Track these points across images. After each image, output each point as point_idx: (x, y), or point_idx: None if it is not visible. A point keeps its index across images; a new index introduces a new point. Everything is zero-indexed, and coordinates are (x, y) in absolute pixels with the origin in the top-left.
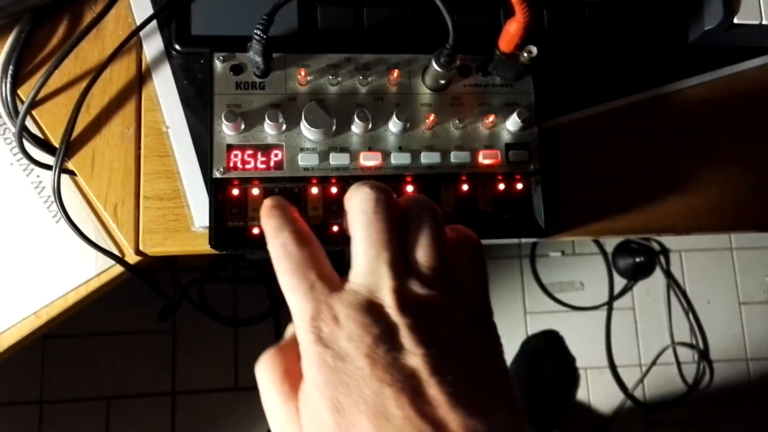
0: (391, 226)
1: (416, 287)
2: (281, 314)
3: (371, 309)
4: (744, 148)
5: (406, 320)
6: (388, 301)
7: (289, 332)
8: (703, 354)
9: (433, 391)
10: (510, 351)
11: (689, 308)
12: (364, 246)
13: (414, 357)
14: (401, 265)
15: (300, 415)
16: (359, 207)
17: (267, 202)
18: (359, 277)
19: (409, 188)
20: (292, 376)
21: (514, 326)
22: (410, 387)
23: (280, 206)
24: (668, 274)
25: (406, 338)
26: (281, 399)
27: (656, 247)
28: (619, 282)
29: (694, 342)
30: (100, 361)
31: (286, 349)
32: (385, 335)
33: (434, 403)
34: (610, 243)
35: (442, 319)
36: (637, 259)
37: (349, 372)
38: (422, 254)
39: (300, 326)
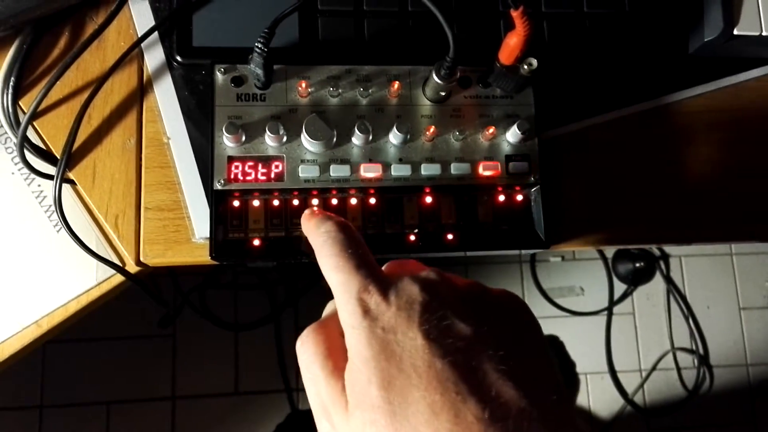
0: None
1: (455, 278)
2: (281, 319)
3: (417, 280)
4: (744, 158)
5: (455, 293)
6: (433, 275)
7: (328, 310)
8: (703, 359)
9: (487, 366)
10: None
11: (689, 313)
12: None
13: (466, 328)
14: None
15: (346, 391)
16: None
17: (306, 211)
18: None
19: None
20: (336, 353)
21: None
22: (463, 360)
23: (320, 210)
24: (668, 279)
25: (457, 310)
26: (325, 375)
27: (656, 252)
28: (619, 287)
29: (694, 347)
30: (100, 366)
31: (327, 325)
32: (435, 306)
33: (488, 378)
34: (610, 248)
35: (486, 298)
36: (637, 265)
37: (400, 343)
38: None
39: (345, 301)
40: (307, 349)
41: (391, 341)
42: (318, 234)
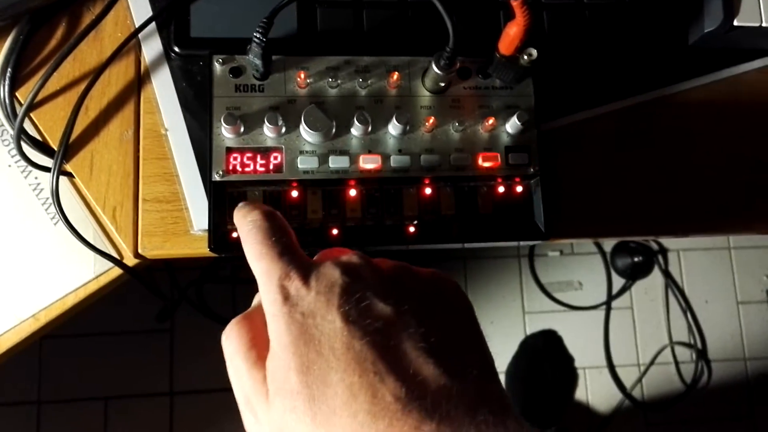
0: None
1: (382, 261)
2: None
3: (338, 264)
4: (744, 150)
5: (377, 275)
6: (355, 258)
7: (255, 301)
8: (701, 353)
9: (406, 345)
10: (508, 351)
11: (687, 308)
12: None
13: (386, 308)
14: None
15: (267, 380)
16: None
17: (240, 203)
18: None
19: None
20: (260, 344)
21: (512, 326)
22: (381, 340)
23: (249, 202)
24: (666, 273)
25: (377, 291)
26: (248, 366)
27: (654, 246)
28: (618, 281)
29: (692, 341)
30: (98, 361)
31: (252, 316)
32: (355, 288)
33: (407, 357)
34: (609, 242)
35: (411, 279)
36: (636, 259)
37: (319, 327)
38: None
39: (267, 289)
40: (231, 342)
41: (310, 326)
42: (244, 223)
